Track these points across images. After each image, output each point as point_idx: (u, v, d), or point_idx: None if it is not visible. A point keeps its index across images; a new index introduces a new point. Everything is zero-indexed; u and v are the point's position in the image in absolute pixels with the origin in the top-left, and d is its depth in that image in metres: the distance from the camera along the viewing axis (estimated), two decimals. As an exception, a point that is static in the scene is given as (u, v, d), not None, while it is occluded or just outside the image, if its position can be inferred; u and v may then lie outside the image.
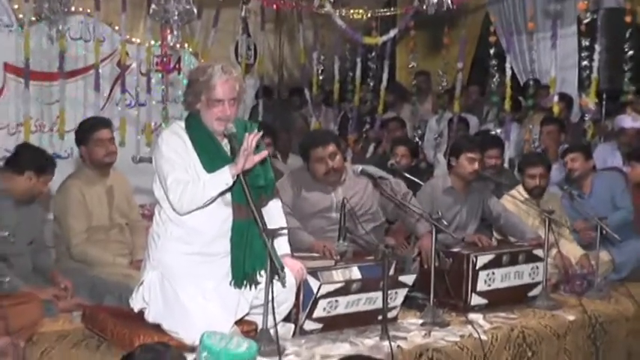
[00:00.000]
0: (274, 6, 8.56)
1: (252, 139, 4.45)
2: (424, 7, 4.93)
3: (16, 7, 7.65)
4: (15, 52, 7.75)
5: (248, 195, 4.49)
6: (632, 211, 7.32)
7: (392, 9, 9.35)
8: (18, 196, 5.79)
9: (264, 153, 4.60)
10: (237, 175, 4.49)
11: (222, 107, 4.62)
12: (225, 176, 4.50)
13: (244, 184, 4.49)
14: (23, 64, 7.76)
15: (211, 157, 4.64)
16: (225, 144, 4.69)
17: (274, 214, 4.93)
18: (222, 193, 4.61)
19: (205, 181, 4.54)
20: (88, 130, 6.26)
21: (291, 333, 5.02)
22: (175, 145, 4.66)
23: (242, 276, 4.71)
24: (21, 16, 7.70)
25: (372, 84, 11.11)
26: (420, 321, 5.45)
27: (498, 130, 9.47)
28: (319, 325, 5.09)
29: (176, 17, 5.86)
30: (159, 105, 8.87)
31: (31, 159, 5.86)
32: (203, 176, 4.58)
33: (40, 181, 5.81)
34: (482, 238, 6.36)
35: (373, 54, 10.88)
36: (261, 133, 4.54)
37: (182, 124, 4.78)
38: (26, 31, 7.72)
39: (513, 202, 6.83)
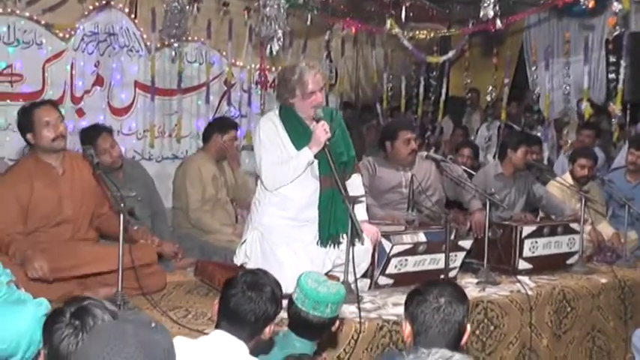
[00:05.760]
0: (352, 29, 8.40)
1: (322, 128, 4.47)
2: (480, 18, 4.72)
3: (145, 36, 7.68)
4: (143, 73, 7.77)
5: (332, 165, 4.40)
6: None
7: (452, 29, 9.13)
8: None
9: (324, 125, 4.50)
10: (324, 151, 4.42)
11: (315, 96, 4.55)
12: (307, 154, 4.51)
13: (329, 156, 4.41)
14: (150, 82, 7.77)
15: (300, 138, 4.58)
16: (313, 126, 4.58)
17: (356, 185, 4.81)
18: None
19: (291, 161, 4.53)
20: None
21: (368, 286, 4.92)
22: (269, 130, 4.63)
23: (327, 237, 4.65)
24: (149, 43, 7.72)
25: (432, 98, 10.91)
26: (476, 280, 5.29)
27: (539, 134, 9.19)
28: (391, 281, 4.99)
29: (280, 35, 5.86)
30: (258, 116, 8.80)
31: None
32: (292, 152, 4.56)
33: None
34: (527, 215, 6.15)
35: (434, 73, 10.73)
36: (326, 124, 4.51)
37: (276, 111, 4.74)
38: (152, 56, 7.73)
39: (559, 187, 6.58)
